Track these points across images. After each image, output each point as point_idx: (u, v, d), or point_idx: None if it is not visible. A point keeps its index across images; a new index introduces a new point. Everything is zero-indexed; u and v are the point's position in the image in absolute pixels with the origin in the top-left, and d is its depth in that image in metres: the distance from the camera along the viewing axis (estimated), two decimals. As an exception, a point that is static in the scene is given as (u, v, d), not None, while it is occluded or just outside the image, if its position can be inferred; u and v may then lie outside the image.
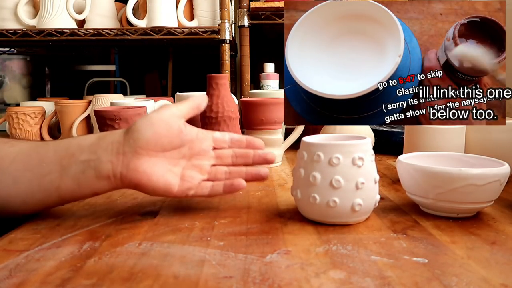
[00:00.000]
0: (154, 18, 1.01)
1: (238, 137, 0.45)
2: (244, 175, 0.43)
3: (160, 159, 0.40)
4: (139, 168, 0.38)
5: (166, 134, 0.39)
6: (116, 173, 0.38)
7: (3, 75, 1.53)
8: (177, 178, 0.40)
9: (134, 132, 0.39)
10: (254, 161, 0.44)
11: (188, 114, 0.42)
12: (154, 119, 0.39)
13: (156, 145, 0.39)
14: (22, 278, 0.29)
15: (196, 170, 0.42)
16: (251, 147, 0.44)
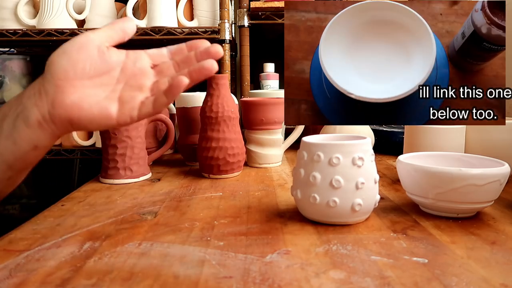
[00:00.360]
0: (154, 18, 1.01)
1: (177, 46, 0.40)
2: (188, 75, 0.37)
3: (89, 88, 0.36)
4: (66, 100, 0.34)
5: (84, 58, 0.35)
6: (45, 115, 0.34)
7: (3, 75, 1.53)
8: (114, 103, 0.36)
9: (50, 66, 0.35)
10: (199, 60, 0.38)
11: (110, 38, 0.38)
12: (68, 47, 0.35)
13: (76, 72, 0.35)
14: (22, 278, 0.29)
15: (135, 90, 0.37)
16: (194, 48, 0.39)
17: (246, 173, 0.65)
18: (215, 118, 0.60)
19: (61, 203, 0.49)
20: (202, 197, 0.51)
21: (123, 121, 0.36)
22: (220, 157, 0.59)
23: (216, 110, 0.60)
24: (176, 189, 0.55)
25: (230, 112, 0.60)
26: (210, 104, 0.60)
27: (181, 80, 0.35)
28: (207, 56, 0.38)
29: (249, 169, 0.67)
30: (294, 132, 0.73)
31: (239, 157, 0.61)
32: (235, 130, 0.62)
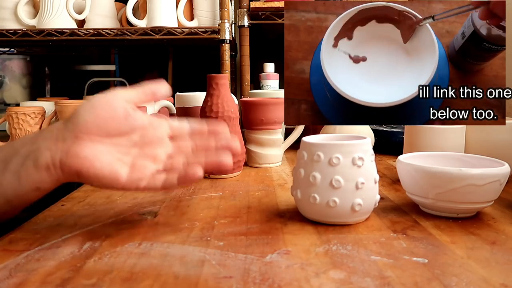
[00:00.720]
0: (154, 18, 1.01)
1: (199, 126, 0.40)
2: (203, 163, 0.37)
3: (106, 146, 0.36)
4: (80, 153, 0.34)
5: (110, 117, 0.36)
6: (55, 161, 0.34)
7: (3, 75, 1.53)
8: (126, 167, 0.36)
9: (74, 116, 0.35)
10: (218, 150, 0.39)
11: (139, 99, 0.38)
12: (96, 102, 0.36)
13: (99, 129, 0.35)
14: (22, 278, 0.29)
15: (149, 159, 0.38)
16: (214, 134, 0.40)
17: (246, 173, 0.65)
18: (215, 118, 0.60)
19: (61, 203, 0.49)
20: (202, 197, 0.51)
21: (129, 188, 0.36)
22: (220, 157, 0.59)
23: (216, 110, 0.60)
24: (176, 189, 0.55)
25: (230, 112, 0.60)
26: (210, 104, 0.60)
27: (196, 172, 0.36)
28: (227, 149, 0.39)
29: (249, 169, 0.67)
30: (294, 132, 0.73)
31: (239, 157, 0.61)
32: (235, 130, 0.62)
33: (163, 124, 0.40)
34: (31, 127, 1.02)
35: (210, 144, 0.39)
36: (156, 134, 0.39)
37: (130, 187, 0.36)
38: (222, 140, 0.39)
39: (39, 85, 1.61)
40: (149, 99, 0.39)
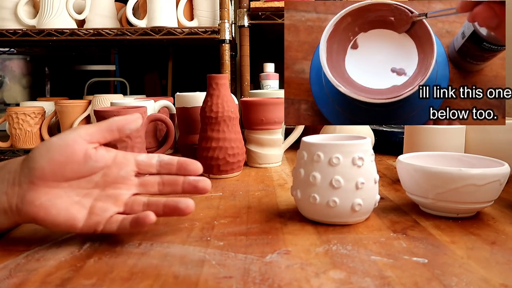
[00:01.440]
0: (154, 18, 1.01)
1: (168, 159, 0.38)
2: (162, 207, 0.36)
3: (63, 189, 0.34)
4: (36, 201, 0.33)
5: (67, 161, 0.34)
6: (12, 206, 0.33)
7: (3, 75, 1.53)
8: (84, 212, 0.35)
9: (30, 161, 0.34)
10: (184, 190, 0.38)
11: (102, 138, 0.36)
12: (52, 144, 0.34)
13: (56, 174, 0.33)
14: (22, 278, 0.29)
15: (110, 201, 0.36)
16: (183, 171, 0.38)
17: (246, 173, 0.65)
18: (215, 118, 0.60)
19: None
20: (202, 197, 0.51)
21: (86, 231, 0.35)
22: (220, 157, 0.60)
23: (216, 110, 0.60)
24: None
25: (230, 112, 0.60)
26: (210, 104, 0.60)
27: (147, 216, 0.34)
28: (193, 190, 0.38)
29: (249, 169, 0.67)
30: (294, 132, 0.73)
31: (239, 157, 0.61)
32: (235, 130, 0.62)
33: (130, 162, 0.38)
34: (31, 127, 1.02)
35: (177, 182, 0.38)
36: (120, 174, 0.37)
37: (88, 231, 0.35)
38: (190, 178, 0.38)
39: (39, 85, 1.61)
40: (115, 136, 0.37)
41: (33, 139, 1.03)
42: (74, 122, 1.00)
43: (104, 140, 0.36)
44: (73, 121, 1.00)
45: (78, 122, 1.00)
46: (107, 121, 0.36)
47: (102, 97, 1.00)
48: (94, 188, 0.36)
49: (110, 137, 0.36)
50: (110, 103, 0.82)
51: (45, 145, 0.34)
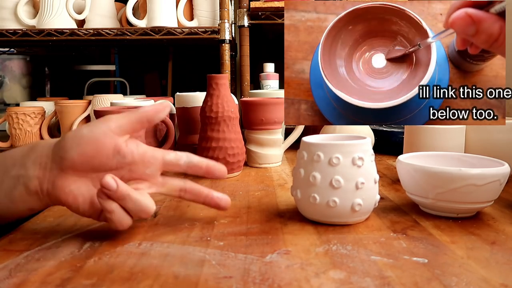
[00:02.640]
0: (154, 18, 1.01)
1: (197, 162, 0.38)
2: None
3: (91, 180, 0.36)
4: (65, 188, 0.35)
5: (96, 155, 0.34)
6: (43, 189, 0.35)
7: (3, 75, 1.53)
8: None
9: (61, 150, 0.35)
10: (205, 203, 0.39)
11: (132, 129, 0.36)
12: (83, 137, 0.34)
13: (84, 166, 0.35)
14: (22, 278, 0.29)
15: None
16: (210, 175, 0.39)
17: (246, 173, 0.65)
18: (215, 118, 0.60)
19: (61, 203, 0.49)
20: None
21: (103, 221, 0.36)
22: (220, 157, 0.59)
23: (216, 110, 0.60)
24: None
25: (230, 112, 0.60)
26: (210, 104, 0.60)
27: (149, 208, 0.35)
28: (215, 206, 0.39)
29: (249, 169, 0.67)
30: (294, 132, 0.73)
31: (239, 157, 0.61)
32: (235, 130, 0.62)
33: (157, 160, 0.37)
34: (31, 127, 1.02)
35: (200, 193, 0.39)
36: (146, 172, 0.37)
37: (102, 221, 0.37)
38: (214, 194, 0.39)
39: (39, 85, 1.61)
40: (144, 126, 0.37)
41: (33, 139, 1.03)
42: (74, 122, 1.00)
43: (134, 132, 0.37)
44: (73, 121, 1.00)
45: (78, 122, 1.00)
46: (136, 111, 0.37)
47: (102, 97, 1.00)
48: None
49: (140, 128, 0.37)
50: (110, 103, 0.82)
51: (76, 136, 0.35)
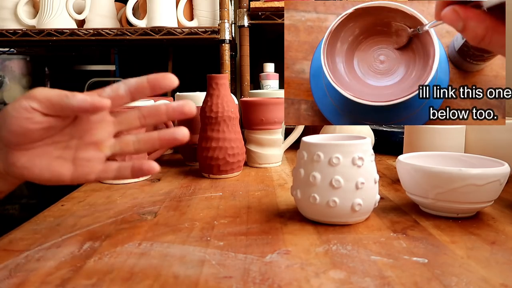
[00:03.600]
0: (154, 18, 1.01)
1: (136, 82, 0.34)
2: (158, 141, 0.34)
3: (40, 148, 0.33)
4: (17, 163, 0.32)
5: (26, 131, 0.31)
6: (1, 169, 0.33)
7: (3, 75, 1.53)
8: (68, 165, 0.33)
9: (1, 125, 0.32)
10: (169, 117, 0.35)
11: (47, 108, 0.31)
12: (7, 116, 0.31)
13: (21, 141, 0.32)
14: (22, 278, 0.29)
15: (92, 148, 0.34)
16: (157, 88, 0.34)
17: (246, 173, 0.65)
18: (215, 118, 0.60)
19: (61, 203, 0.49)
20: (202, 197, 0.51)
21: (77, 182, 0.34)
22: (220, 157, 0.59)
23: (216, 110, 0.60)
24: (176, 189, 0.55)
25: (230, 112, 0.60)
26: (210, 104, 0.60)
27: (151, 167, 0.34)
28: (180, 115, 0.35)
29: (249, 169, 0.67)
30: (294, 132, 0.73)
31: (239, 157, 0.61)
32: (235, 130, 0.62)
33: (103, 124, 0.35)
34: (31, 127, 1.02)
35: (159, 108, 0.35)
36: (91, 118, 0.34)
37: (79, 182, 0.34)
38: (173, 104, 0.35)
39: (39, 85, 1.60)
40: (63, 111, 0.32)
41: None
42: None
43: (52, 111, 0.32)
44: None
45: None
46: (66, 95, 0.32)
47: (102, 97, 0.99)
48: (71, 140, 0.34)
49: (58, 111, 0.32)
50: (110, 103, 0.82)
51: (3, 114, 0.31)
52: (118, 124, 0.35)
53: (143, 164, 0.34)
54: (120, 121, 0.35)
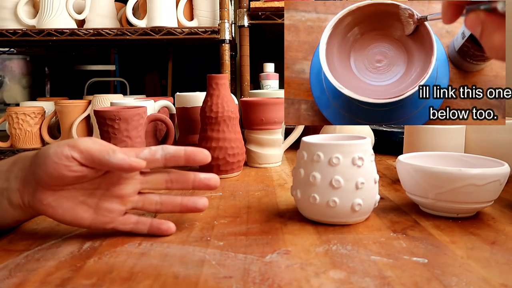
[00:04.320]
0: (154, 18, 1.01)
1: (174, 152, 0.36)
2: (179, 206, 0.38)
3: (68, 191, 0.35)
4: (43, 201, 0.35)
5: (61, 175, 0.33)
6: (25, 202, 0.35)
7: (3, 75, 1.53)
8: (90, 211, 0.36)
9: (33, 165, 0.34)
10: (194, 187, 0.38)
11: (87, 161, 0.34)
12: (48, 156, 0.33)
13: (53, 184, 0.34)
14: (22, 278, 0.29)
15: (115, 201, 0.36)
16: (192, 162, 0.37)
17: (246, 173, 0.65)
18: (215, 118, 0.60)
19: (61, 203, 0.49)
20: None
21: (95, 228, 0.37)
22: (220, 157, 0.59)
23: (216, 110, 0.60)
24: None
25: (230, 112, 0.60)
26: (210, 104, 0.60)
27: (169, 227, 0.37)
28: (204, 187, 0.38)
29: (249, 169, 0.67)
30: (294, 132, 0.73)
31: (239, 157, 0.61)
32: (235, 130, 0.62)
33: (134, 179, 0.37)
34: (31, 127, 1.02)
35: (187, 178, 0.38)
36: (121, 174, 0.36)
37: (97, 229, 0.37)
38: (201, 176, 0.38)
39: (39, 85, 1.61)
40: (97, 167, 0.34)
41: (33, 139, 1.03)
42: (74, 122, 1.00)
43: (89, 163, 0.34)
44: (73, 121, 1.00)
45: (78, 122, 1.00)
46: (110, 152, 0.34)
47: (102, 97, 1.00)
48: (97, 189, 0.36)
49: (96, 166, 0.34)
50: (110, 103, 0.82)
51: (44, 154, 0.34)
52: (145, 183, 0.38)
53: (162, 224, 0.37)
54: (148, 180, 0.38)
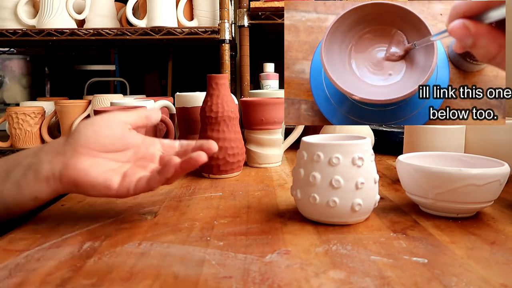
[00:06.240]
0: (154, 18, 1.01)
1: (187, 142, 0.43)
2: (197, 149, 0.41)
3: (102, 159, 0.39)
4: (78, 165, 0.37)
5: (107, 134, 0.39)
6: (55, 172, 0.37)
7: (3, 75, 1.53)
8: (118, 177, 0.39)
9: (75, 132, 0.39)
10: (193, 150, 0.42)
11: (135, 122, 0.42)
12: (95, 121, 0.40)
13: (96, 144, 0.38)
14: (22, 278, 0.29)
15: (139, 168, 0.41)
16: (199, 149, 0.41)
17: (246, 173, 0.65)
18: (215, 118, 0.60)
19: (61, 203, 0.49)
20: (202, 197, 0.51)
21: (121, 193, 0.38)
22: (220, 157, 0.59)
23: (216, 110, 0.60)
24: (176, 189, 0.55)
25: (230, 112, 0.60)
26: (210, 104, 0.60)
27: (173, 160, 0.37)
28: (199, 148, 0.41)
29: (249, 169, 0.67)
30: (294, 132, 0.73)
31: (239, 157, 0.61)
32: (235, 130, 0.62)
33: (156, 142, 0.44)
34: (31, 127, 1.02)
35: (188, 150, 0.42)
36: (148, 151, 0.43)
37: (122, 194, 0.38)
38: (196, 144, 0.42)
39: (39, 85, 1.61)
40: (144, 123, 0.43)
41: (33, 139, 1.03)
42: (74, 122, 1.00)
43: (136, 125, 0.42)
44: (73, 121, 1.00)
45: (78, 122, 1.00)
46: (139, 109, 0.43)
47: (102, 97, 1.00)
48: (127, 162, 0.41)
49: (141, 124, 0.43)
50: (110, 103, 0.82)
51: (90, 120, 0.40)
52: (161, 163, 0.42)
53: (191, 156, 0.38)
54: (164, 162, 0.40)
